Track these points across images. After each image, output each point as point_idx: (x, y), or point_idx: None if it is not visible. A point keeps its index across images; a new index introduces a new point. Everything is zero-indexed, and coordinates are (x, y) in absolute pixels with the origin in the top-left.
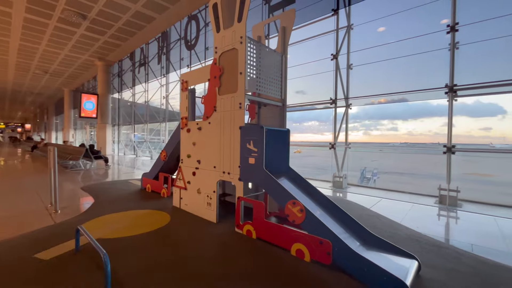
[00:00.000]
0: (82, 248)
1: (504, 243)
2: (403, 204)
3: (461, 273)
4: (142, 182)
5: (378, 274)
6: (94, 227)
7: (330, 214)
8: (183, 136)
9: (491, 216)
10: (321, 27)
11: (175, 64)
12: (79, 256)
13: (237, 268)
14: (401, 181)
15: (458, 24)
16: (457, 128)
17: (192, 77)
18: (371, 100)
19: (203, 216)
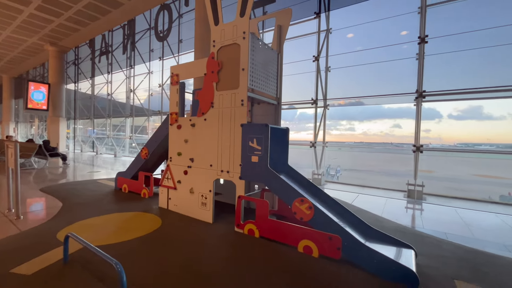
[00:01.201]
0: (70, 258)
1: (468, 230)
2: (378, 199)
3: (447, 259)
4: (116, 182)
5: (388, 265)
6: (77, 233)
7: (331, 210)
8: (172, 133)
9: (451, 207)
10: (304, 29)
11: (144, 55)
12: (70, 268)
13: (249, 267)
14: (361, 177)
15: (428, 37)
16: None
17: (184, 70)
18: (337, 102)
19: (197, 216)
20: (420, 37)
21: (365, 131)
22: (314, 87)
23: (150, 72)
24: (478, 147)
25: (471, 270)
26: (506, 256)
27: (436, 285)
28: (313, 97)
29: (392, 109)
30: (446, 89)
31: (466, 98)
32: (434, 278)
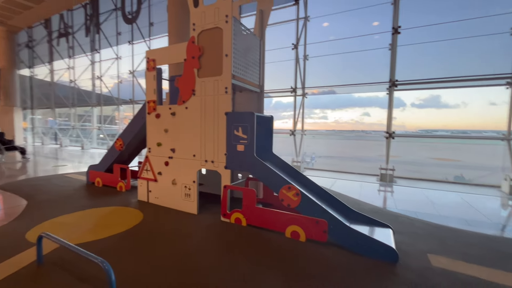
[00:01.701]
0: (45, 260)
1: (434, 208)
2: (354, 183)
3: (420, 235)
4: (88, 176)
5: (370, 244)
6: (50, 232)
7: (316, 195)
8: (150, 122)
9: (419, 188)
10: (279, 16)
11: (111, 38)
12: (46, 269)
13: (239, 256)
14: (335, 164)
15: (401, 28)
16: (371, 118)
17: (161, 55)
18: (312, 91)
19: (181, 208)
20: (394, 28)
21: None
22: (294, 75)
23: (119, 58)
24: (436, 133)
25: (440, 243)
26: (467, 230)
27: (412, 260)
28: (292, 86)
29: (361, 98)
30: (414, 79)
31: (434, 88)
32: (410, 253)
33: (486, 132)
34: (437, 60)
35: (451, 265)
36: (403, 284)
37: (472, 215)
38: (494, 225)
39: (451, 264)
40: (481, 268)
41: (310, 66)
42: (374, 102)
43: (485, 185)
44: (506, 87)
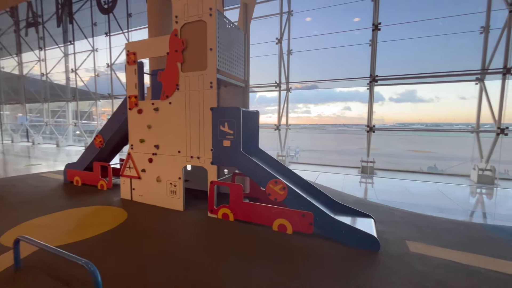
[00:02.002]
0: (23, 263)
1: (411, 198)
2: (337, 176)
3: (400, 224)
4: (66, 175)
5: (354, 234)
6: (27, 235)
7: (302, 188)
8: (132, 118)
9: (397, 179)
10: (263, 10)
11: (86, 29)
12: (25, 274)
13: (228, 251)
14: (318, 157)
15: (381, 24)
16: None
17: (142, 48)
18: (295, 86)
19: (166, 205)
20: (374, 24)
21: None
22: (278, 70)
23: (95, 50)
24: (412, 126)
25: (417, 230)
26: (440, 216)
27: (392, 247)
28: (276, 80)
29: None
30: (393, 75)
31: (411, 83)
32: (390, 241)
33: (456, 125)
34: (415, 56)
35: (427, 250)
36: (384, 270)
37: (445, 203)
38: (464, 211)
39: (427, 249)
40: (453, 251)
41: (294, 61)
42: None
43: (456, 174)
44: (475, 83)
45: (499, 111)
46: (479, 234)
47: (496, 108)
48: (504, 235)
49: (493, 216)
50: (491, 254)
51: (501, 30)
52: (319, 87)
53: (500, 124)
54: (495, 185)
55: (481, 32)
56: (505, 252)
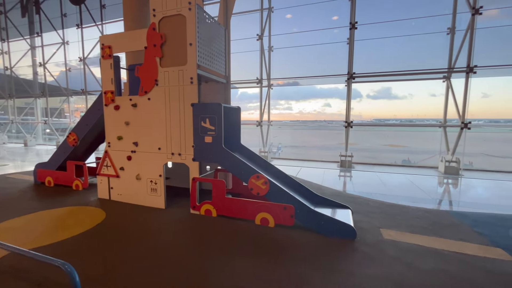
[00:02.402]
0: None
1: (385, 189)
2: (317, 170)
3: (375, 213)
4: (36, 175)
5: (332, 224)
6: None
7: (283, 183)
8: (108, 115)
9: (373, 172)
10: (244, 6)
11: (55, 21)
12: None
13: (213, 246)
14: (300, 153)
15: (358, 23)
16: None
17: (117, 41)
18: (277, 82)
19: (147, 204)
20: (351, 23)
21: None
22: (259, 66)
23: (65, 43)
24: (387, 122)
25: (390, 219)
26: (412, 206)
27: (368, 235)
28: (258, 76)
29: (323, 90)
30: (370, 72)
31: (386, 80)
32: (366, 229)
33: (428, 121)
34: (391, 55)
35: (399, 236)
36: (360, 256)
37: (416, 193)
38: (433, 200)
39: (399, 236)
40: (422, 237)
41: (275, 58)
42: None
43: (426, 166)
44: (443, 81)
45: (463, 107)
46: (445, 220)
47: (461, 104)
48: (467, 220)
49: (458, 204)
50: (455, 237)
51: (465, 32)
52: (300, 84)
53: (464, 119)
54: (459, 175)
55: (447, 33)
56: (467, 236)
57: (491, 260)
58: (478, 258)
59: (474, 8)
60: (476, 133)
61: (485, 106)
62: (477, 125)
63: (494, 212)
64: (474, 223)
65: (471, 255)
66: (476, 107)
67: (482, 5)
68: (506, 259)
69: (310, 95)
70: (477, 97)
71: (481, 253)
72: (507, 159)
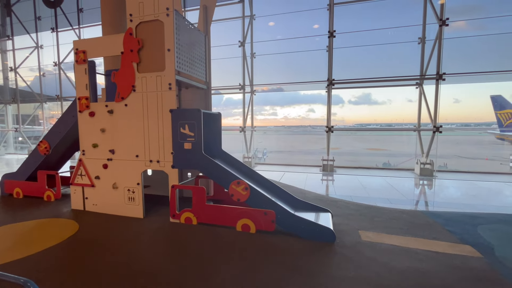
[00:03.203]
0: None
1: (365, 191)
2: (300, 175)
3: (354, 215)
4: (3, 187)
5: (312, 228)
6: None
7: (264, 188)
8: (83, 122)
9: (353, 175)
10: (227, 13)
11: (27, 24)
12: None
13: (192, 254)
14: (284, 158)
15: (336, 31)
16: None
17: (93, 46)
18: (261, 88)
19: (124, 213)
20: (330, 32)
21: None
22: (241, 72)
23: (39, 47)
24: (368, 126)
25: (369, 221)
26: (389, 207)
27: (347, 237)
28: (240, 82)
29: (307, 95)
30: (348, 79)
31: (365, 86)
32: (345, 232)
33: (406, 125)
34: (369, 62)
35: (376, 237)
36: (339, 258)
37: (394, 194)
38: (409, 201)
39: (377, 237)
40: (398, 237)
41: (258, 64)
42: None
43: (404, 169)
44: (416, 87)
45: (434, 112)
46: (420, 220)
47: (433, 109)
48: (440, 220)
49: (432, 204)
50: (428, 236)
51: (434, 41)
52: (285, 90)
53: (436, 123)
54: (434, 176)
55: (418, 42)
56: (439, 234)
57: (460, 257)
58: (448, 255)
59: (441, 19)
60: (449, 136)
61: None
62: (449, 129)
63: (464, 211)
64: (446, 222)
65: (442, 253)
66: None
67: (448, 17)
68: (475, 255)
69: (295, 100)
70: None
71: (451, 251)
72: (477, 160)
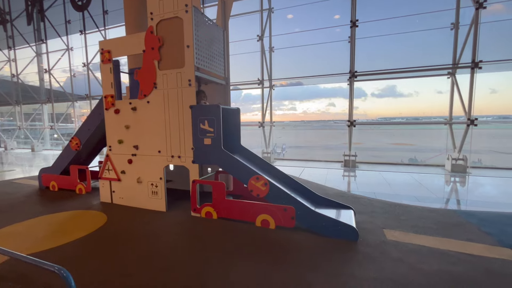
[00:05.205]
0: None
1: (390, 189)
2: (321, 170)
3: (378, 213)
4: (41, 180)
5: (334, 225)
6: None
7: (284, 184)
8: (109, 119)
9: (378, 171)
10: (244, 7)
11: (59, 28)
12: None
13: (214, 249)
14: (304, 153)
15: (358, 21)
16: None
17: (116, 46)
18: (280, 83)
19: (148, 207)
20: (352, 21)
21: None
22: (260, 67)
23: (70, 49)
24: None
25: (394, 219)
26: (416, 205)
27: (371, 236)
28: (259, 77)
29: (327, 89)
30: (372, 70)
31: (390, 78)
32: (368, 230)
33: (434, 118)
34: (395, 52)
35: (402, 237)
36: (362, 257)
37: (422, 192)
38: (439, 199)
39: (403, 236)
40: (426, 237)
41: (277, 58)
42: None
43: (432, 165)
44: (447, 77)
45: (468, 104)
46: (451, 220)
47: (467, 100)
48: (474, 219)
49: (465, 203)
50: (461, 237)
51: (469, 26)
52: (304, 84)
53: (470, 116)
54: (467, 173)
55: (451, 28)
56: (474, 236)
57: (498, 261)
58: (485, 258)
59: (477, 2)
60: (485, 130)
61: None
62: (485, 122)
63: (503, 210)
64: (481, 222)
65: (477, 256)
66: (484, 103)
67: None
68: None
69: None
70: (485, 93)
71: (488, 254)
72: None
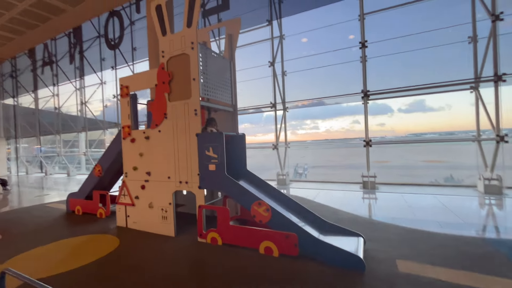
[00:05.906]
0: None
1: (411, 213)
2: (337, 193)
3: (392, 241)
4: (68, 204)
5: (338, 254)
6: (19, 267)
7: (289, 208)
8: (126, 147)
9: (399, 193)
10: (257, 36)
11: (95, 65)
12: None
13: (212, 277)
14: (324, 173)
15: (367, 42)
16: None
17: (133, 81)
18: (295, 104)
19: (159, 231)
20: (361, 42)
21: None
22: (272, 91)
23: (103, 83)
24: (424, 136)
25: (410, 248)
26: (438, 232)
27: (381, 266)
28: (271, 101)
29: (350, 107)
30: (387, 88)
31: (405, 95)
32: (379, 260)
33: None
34: (412, 69)
35: (417, 269)
36: None
37: (447, 217)
38: (467, 225)
39: (417, 268)
40: (444, 269)
41: (291, 80)
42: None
43: (463, 185)
44: (470, 91)
45: (496, 119)
46: (478, 249)
47: (493, 115)
48: (506, 249)
49: (498, 229)
50: (488, 271)
51: (488, 39)
52: (326, 103)
53: (499, 131)
54: (503, 194)
55: (469, 42)
56: (504, 269)
57: None
58: None
59: (493, 14)
60: None
61: None
62: None
63: None
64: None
65: None
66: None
67: (503, 10)
68: None
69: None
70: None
71: None
72: None
